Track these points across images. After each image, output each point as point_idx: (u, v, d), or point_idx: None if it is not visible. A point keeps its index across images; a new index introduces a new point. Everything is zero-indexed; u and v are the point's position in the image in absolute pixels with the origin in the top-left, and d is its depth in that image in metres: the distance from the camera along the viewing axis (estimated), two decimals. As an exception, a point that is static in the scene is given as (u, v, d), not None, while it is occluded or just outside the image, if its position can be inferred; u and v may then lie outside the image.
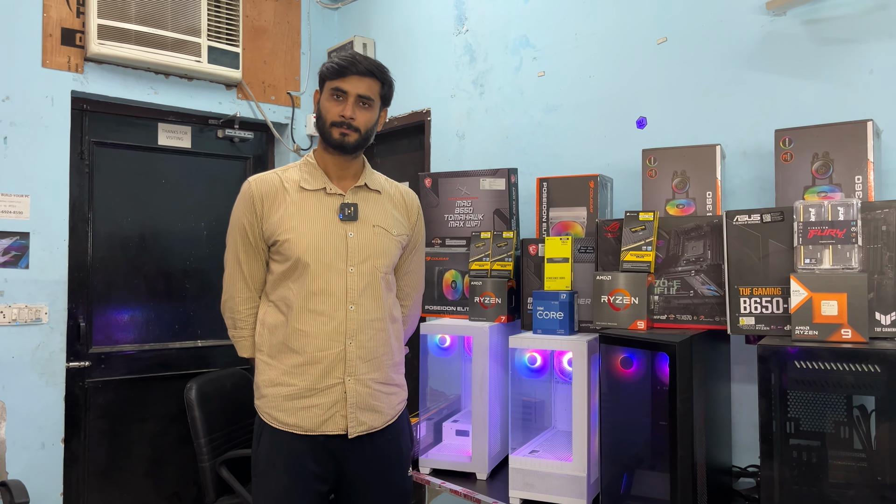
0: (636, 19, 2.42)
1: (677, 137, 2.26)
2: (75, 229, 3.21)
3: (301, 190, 1.86)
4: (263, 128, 3.80)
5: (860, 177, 1.68)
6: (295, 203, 1.84)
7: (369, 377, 1.84)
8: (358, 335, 1.82)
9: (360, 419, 1.82)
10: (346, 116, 1.81)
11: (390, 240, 1.90)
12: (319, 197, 1.86)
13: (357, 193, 1.90)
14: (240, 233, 1.88)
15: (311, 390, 1.80)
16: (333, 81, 1.82)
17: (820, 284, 1.51)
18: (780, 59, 2.05)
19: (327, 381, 1.80)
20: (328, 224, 1.84)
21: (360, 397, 1.82)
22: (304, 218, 1.83)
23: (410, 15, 3.43)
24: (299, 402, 1.80)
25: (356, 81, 1.81)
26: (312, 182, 1.87)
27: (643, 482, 1.93)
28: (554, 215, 2.31)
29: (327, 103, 1.84)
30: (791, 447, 1.54)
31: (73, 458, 3.18)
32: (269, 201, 1.85)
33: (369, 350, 1.84)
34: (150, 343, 3.47)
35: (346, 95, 1.81)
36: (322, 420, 1.80)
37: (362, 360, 1.83)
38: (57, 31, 3.06)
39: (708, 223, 1.83)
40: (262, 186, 1.87)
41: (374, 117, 1.87)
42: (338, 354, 1.81)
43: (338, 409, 1.81)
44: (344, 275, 1.82)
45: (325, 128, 1.84)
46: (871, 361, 1.41)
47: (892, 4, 1.82)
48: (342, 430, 1.81)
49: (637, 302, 1.85)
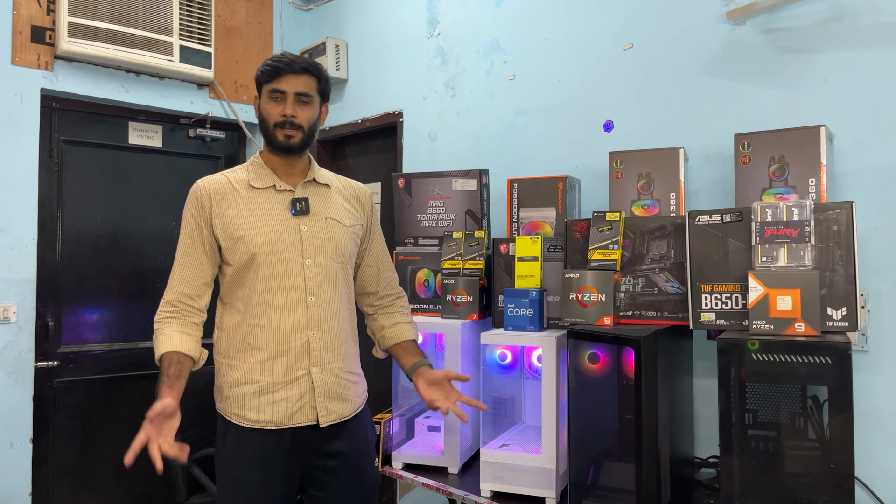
0: (604, 26, 2.50)
1: (643, 140, 2.33)
2: (44, 228, 3.18)
3: (250, 188, 1.87)
4: (235, 127, 3.81)
5: (814, 179, 1.77)
6: (245, 202, 1.85)
7: (335, 366, 1.87)
8: (320, 325, 1.85)
9: (329, 408, 1.85)
10: (288, 115, 1.82)
11: (343, 231, 1.92)
12: (269, 194, 1.87)
13: (307, 188, 1.92)
14: (187, 233, 1.87)
15: (277, 384, 1.81)
16: (270, 83, 1.84)
17: (775, 281, 1.59)
18: (741, 67, 2.13)
19: (293, 374, 1.82)
20: (281, 219, 1.85)
21: (328, 386, 1.85)
22: (257, 215, 1.84)
23: (383, 17, 3.47)
24: (267, 398, 1.81)
25: (292, 80, 1.83)
26: (261, 181, 1.88)
27: (610, 473, 1.99)
28: (524, 215, 2.37)
29: (267, 105, 1.85)
30: (749, 437, 1.61)
31: (41, 458, 3.16)
32: (218, 200, 1.85)
33: (333, 339, 1.87)
34: (120, 342, 3.45)
35: (284, 95, 1.83)
36: (292, 413, 1.82)
37: (326, 349, 1.86)
38: (27, 28, 3.04)
39: (671, 223, 1.91)
40: (210, 186, 1.87)
41: (316, 113, 1.89)
42: (301, 346, 1.83)
43: (306, 401, 1.83)
44: (301, 268, 1.84)
45: (269, 130, 1.86)
46: (822, 353, 1.49)
47: (846, 15, 1.92)
48: (312, 421, 1.83)
49: (604, 299, 1.92)
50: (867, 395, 1.84)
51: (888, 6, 1.84)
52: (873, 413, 1.83)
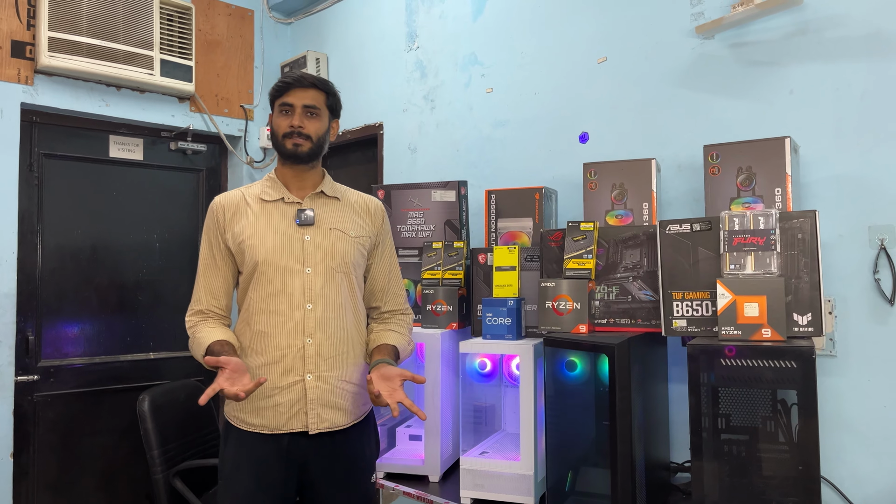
0: (578, 40, 2.55)
1: (616, 151, 2.38)
2: (24, 242, 3.18)
3: (261, 202, 1.95)
4: (216, 140, 3.82)
5: (779, 189, 1.82)
6: (256, 213, 1.93)
7: (331, 374, 1.90)
8: (317, 333, 1.88)
9: (321, 416, 1.87)
10: (295, 126, 1.90)
11: (347, 241, 1.96)
12: (279, 206, 1.95)
13: (315, 200, 1.98)
14: (206, 246, 1.97)
15: (273, 389, 1.86)
16: (280, 98, 1.93)
17: (743, 288, 1.64)
18: (710, 79, 2.19)
19: (288, 379, 1.86)
20: (286, 229, 1.92)
21: (322, 394, 1.88)
22: (264, 225, 1.92)
23: (363, 31, 3.51)
24: (264, 402, 1.86)
25: (300, 93, 1.91)
26: (272, 193, 1.96)
27: (587, 479, 2.03)
28: (502, 225, 2.41)
29: (277, 119, 1.94)
30: (722, 441, 1.65)
31: (22, 472, 3.14)
32: (231, 213, 1.94)
33: (329, 347, 1.90)
34: (100, 356, 3.44)
35: (292, 108, 1.92)
36: (286, 418, 1.85)
37: (322, 357, 1.89)
38: (7, 43, 3.04)
39: (644, 232, 1.95)
40: (225, 200, 1.98)
41: (324, 126, 1.96)
42: (297, 352, 1.87)
43: (300, 407, 1.86)
44: (301, 276, 1.88)
45: (279, 141, 1.94)
46: (788, 358, 1.53)
47: (809, 30, 1.98)
48: (304, 427, 1.86)
49: (579, 307, 1.96)
50: (835, 399, 1.89)
51: (849, 21, 1.91)
52: (841, 416, 1.88)
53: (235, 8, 3.83)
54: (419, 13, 3.20)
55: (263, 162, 3.89)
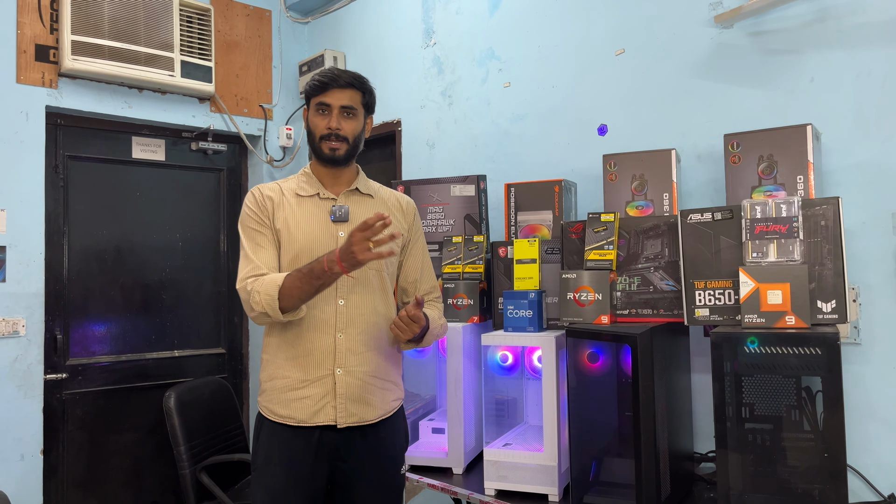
0: (596, 32, 2.55)
1: (636, 143, 2.38)
2: (51, 242, 3.24)
3: (297, 196, 1.97)
4: (237, 140, 3.86)
5: (801, 177, 1.82)
6: (292, 207, 1.95)
7: (360, 369, 1.92)
8: (348, 328, 1.91)
9: (349, 410, 1.89)
10: (333, 128, 1.92)
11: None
12: (314, 201, 1.97)
13: (349, 197, 2.00)
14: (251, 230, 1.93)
15: (303, 381, 1.88)
16: (317, 97, 1.94)
17: (765, 276, 1.63)
18: (729, 69, 2.18)
19: (318, 373, 1.88)
20: (320, 225, 1.94)
21: (350, 388, 1.89)
22: (299, 220, 1.93)
23: (380, 29, 3.53)
24: (293, 394, 1.88)
25: (338, 94, 1.92)
26: (308, 189, 1.98)
27: (611, 469, 2.03)
28: (522, 219, 2.42)
29: (314, 118, 1.95)
30: (747, 430, 1.65)
31: (52, 469, 3.20)
32: (271, 203, 1.95)
33: (360, 343, 1.92)
34: (126, 354, 3.49)
35: (329, 108, 1.93)
36: (313, 411, 1.87)
37: (352, 352, 1.91)
38: (31, 47, 3.10)
39: (665, 222, 1.95)
40: (266, 190, 1.98)
41: (360, 125, 1.98)
42: (328, 346, 1.89)
43: (328, 401, 1.88)
44: None
45: (316, 143, 1.95)
46: (812, 345, 1.53)
47: (829, 17, 1.97)
48: (332, 421, 1.88)
49: (601, 298, 1.96)
50: (860, 387, 1.88)
51: (869, 7, 1.89)
52: (867, 404, 1.87)
53: (253, 8, 3.87)
54: (436, 9, 3.21)
55: (283, 161, 3.93)
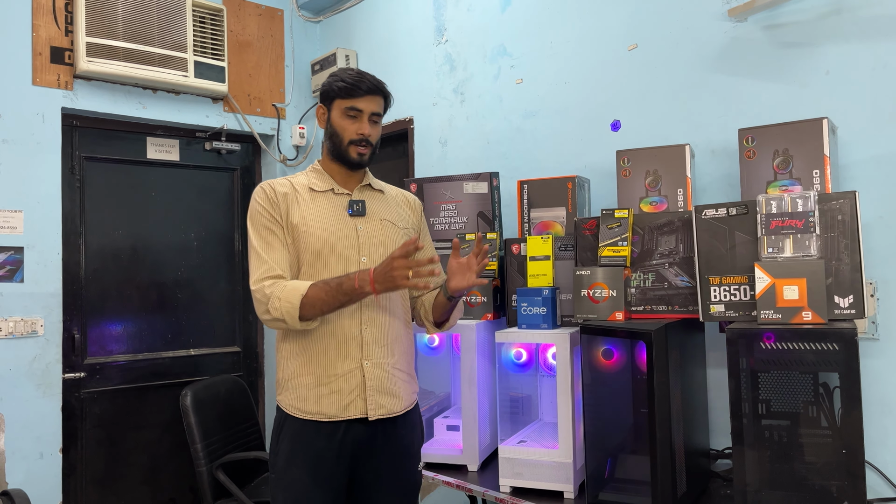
0: (608, 27, 2.54)
1: (649, 138, 2.37)
2: (68, 243, 3.27)
3: (311, 191, 1.97)
4: (250, 139, 3.88)
5: (818, 171, 1.80)
6: (307, 202, 1.94)
7: (386, 361, 1.92)
8: (372, 320, 1.91)
9: (379, 402, 1.89)
10: (365, 134, 1.93)
11: (397, 232, 2.00)
12: (329, 196, 1.97)
13: (363, 192, 2.02)
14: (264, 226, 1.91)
15: (331, 377, 1.87)
16: (347, 100, 1.93)
17: (782, 271, 1.62)
18: (743, 63, 2.17)
19: (346, 367, 1.88)
20: (339, 219, 1.94)
21: (379, 380, 1.90)
22: (317, 215, 1.93)
23: (391, 27, 3.54)
24: (321, 390, 1.87)
25: (369, 100, 1.94)
26: (321, 184, 1.98)
27: (626, 466, 2.03)
28: (535, 215, 2.41)
29: (343, 121, 1.94)
30: (763, 427, 1.64)
31: (71, 467, 3.24)
32: (283, 200, 1.93)
33: (384, 334, 1.93)
34: (143, 353, 3.53)
35: (360, 114, 1.93)
36: (344, 405, 1.87)
37: (378, 344, 1.91)
38: (46, 49, 3.13)
39: (679, 218, 1.94)
40: (277, 185, 1.96)
41: (380, 130, 2.01)
42: (354, 340, 1.89)
43: (357, 394, 1.88)
44: (357, 264, 1.90)
45: (343, 146, 1.94)
46: (829, 340, 1.52)
47: (845, 9, 1.95)
48: (363, 414, 1.88)
49: (615, 294, 1.96)
50: (879, 383, 1.86)
51: (886, -1, 1.87)
52: (885, 400, 1.85)
53: (265, 8, 3.88)
54: (447, 7, 3.21)
55: (297, 160, 3.94)
